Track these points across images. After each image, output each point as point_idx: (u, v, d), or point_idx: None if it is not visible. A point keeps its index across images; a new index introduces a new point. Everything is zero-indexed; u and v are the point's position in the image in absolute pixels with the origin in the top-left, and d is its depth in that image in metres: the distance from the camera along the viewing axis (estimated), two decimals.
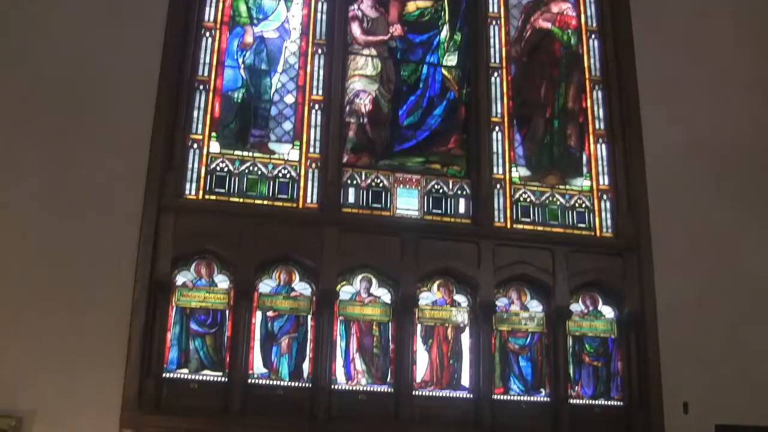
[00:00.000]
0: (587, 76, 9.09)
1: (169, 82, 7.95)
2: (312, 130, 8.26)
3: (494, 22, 8.98)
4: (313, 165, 8.15)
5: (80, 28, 7.97)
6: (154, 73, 7.91)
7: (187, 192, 7.85)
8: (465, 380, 7.91)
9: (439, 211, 8.32)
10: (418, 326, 7.93)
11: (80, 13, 8.02)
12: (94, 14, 8.04)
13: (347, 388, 7.70)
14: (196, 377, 7.46)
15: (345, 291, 7.88)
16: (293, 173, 8.12)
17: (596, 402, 8.12)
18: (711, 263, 8.41)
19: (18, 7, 7.95)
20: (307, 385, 7.60)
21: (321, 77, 8.43)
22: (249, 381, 7.52)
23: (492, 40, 8.91)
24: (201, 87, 8.17)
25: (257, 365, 7.59)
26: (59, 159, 7.55)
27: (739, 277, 8.43)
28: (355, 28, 8.76)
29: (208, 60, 8.29)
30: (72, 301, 7.22)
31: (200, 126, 8.07)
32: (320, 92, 8.38)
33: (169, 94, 7.92)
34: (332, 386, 7.62)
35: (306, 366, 7.64)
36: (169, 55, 8.02)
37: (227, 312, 7.63)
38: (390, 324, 7.87)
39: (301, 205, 8.03)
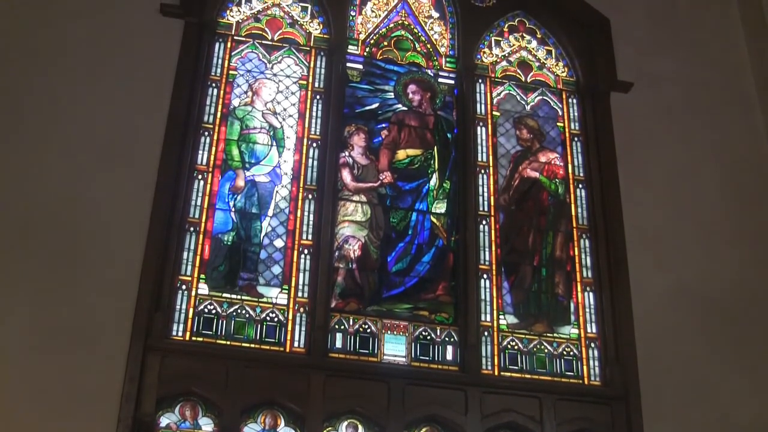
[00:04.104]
0: (575, 224, 9.16)
1: (160, 223, 7.98)
2: (301, 275, 8.26)
3: (483, 171, 9.12)
4: (301, 309, 8.13)
5: (73, 169, 8.06)
6: (145, 214, 7.94)
7: (174, 333, 7.78)
8: None
9: (427, 358, 8.26)
10: None
11: (73, 154, 8.13)
12: (88, 156, 8.14)
13: None
14: None
15: None
16: (281, 317, 8.09)
17: None
18: (700, 413, 8.32)
19: (9, 145, 8.07)
20: None
21: (311, 222, 8.48)
22: None
23: (481, 189, 9.02)
24: (191, 229, 8.20)
25: None
26: (46, 296, 7.53)
27: (729, 427, 8.34)
28: (346, 175, 8.87)
29: (199, 202, 8.34)
30: None
31: (189, 267, 8.05)
32: (310, 237, 8.42)
33: (159, 235, 7.93)
34: None
35: None
36: (161, 197, 8.07)
37: None
38: None
39: (288, 350, 7.96)
